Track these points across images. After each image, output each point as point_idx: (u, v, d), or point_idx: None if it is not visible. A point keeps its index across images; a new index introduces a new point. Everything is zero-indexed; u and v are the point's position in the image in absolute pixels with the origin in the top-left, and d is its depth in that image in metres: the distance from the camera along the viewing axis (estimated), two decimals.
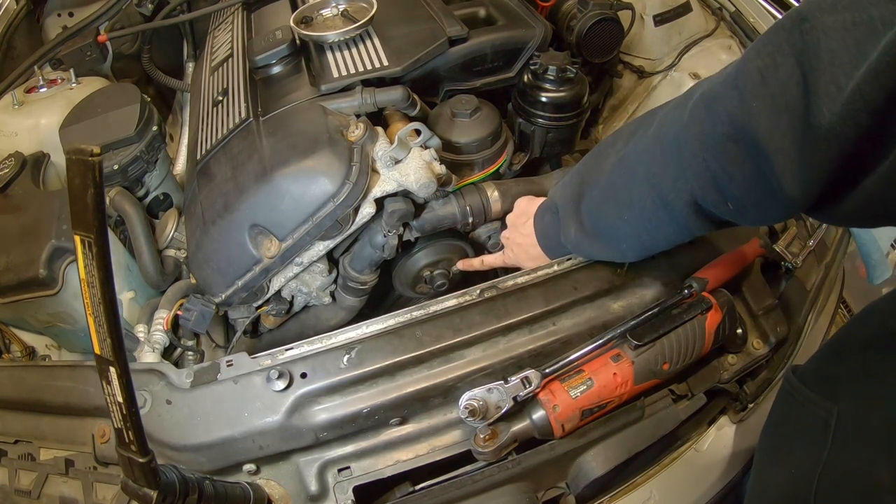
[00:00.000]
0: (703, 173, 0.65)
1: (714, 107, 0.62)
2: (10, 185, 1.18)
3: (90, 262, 0.49)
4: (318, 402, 0.82)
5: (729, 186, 0.64)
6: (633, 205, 0.78)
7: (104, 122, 1.18)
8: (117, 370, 0.52)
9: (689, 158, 0.66)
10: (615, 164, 0.81)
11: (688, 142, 0.66)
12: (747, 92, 0.58)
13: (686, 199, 0.69)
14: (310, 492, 0.83)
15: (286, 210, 0.96)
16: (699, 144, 0.64)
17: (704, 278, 0.92)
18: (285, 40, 1.19)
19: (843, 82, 0.49)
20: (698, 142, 0.64)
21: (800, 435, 0.70)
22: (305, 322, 1.19)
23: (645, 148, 0.75)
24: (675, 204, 0.71)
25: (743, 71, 0.59)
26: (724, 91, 0.61)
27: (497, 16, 1.34)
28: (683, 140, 0.67)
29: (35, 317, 1.11)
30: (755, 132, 0.57)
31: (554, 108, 1.23)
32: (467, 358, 0.86)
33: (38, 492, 0.82)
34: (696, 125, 0.65)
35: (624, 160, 0.79)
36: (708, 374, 0.99)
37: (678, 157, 0.68)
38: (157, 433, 0.79)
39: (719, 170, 0.63)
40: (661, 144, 0.72)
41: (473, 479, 0.85)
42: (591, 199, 0.85)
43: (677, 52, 1.63)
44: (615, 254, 0.90)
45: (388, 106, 1.11)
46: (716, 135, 0.62)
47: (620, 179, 0.80)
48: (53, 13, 1.68)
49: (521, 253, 1.05)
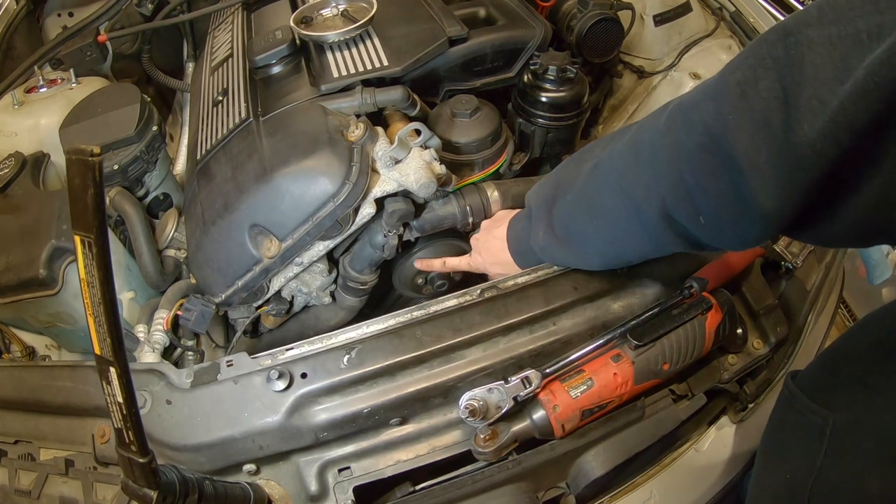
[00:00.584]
0: (676, 183, 0.63)
1: (691, 116, 0.61)
2: (10, 185, 1.18)
3: (90, 262, 0.49)
4: (318, 403, 0.82)
5: (702, 199, 0.62)
6: (605, 211, 0.76)
7: (104, 122, 1.18)
8: (117, 370, 0.52)
9: (664, 166, 0.65)
10: (590, 170, 0.79)
11: (663, 149, 0.65)
12: (725, 104, 0.56)
13: (658, 208, 0.67)
14: (310, 492, 0.83)
15: (286, 210, 0.96)
16: (674, 153, 0.63)
17: (704, 278, 0.92)
18: (285, 40, 1.19)
19: (826, 98, 0.47)
20: (673, 150, 0.63)
21: (796, 441, 0.70)
22: (305, 322, 1.19)
23: (620, 154, 0.73)
24: (647, 213, 0.69)
25: (722, 83, 0.58)
26: (703, 101, 0.60)
27: (497, 16, 1.34)
28: (658, 147, 0.65)
29: (35, 317, 1.11)
30: (731, 145, 0.56)
31: (554, 108, 1.23)
32: (467, 358, 0.86)
33: (38, 492, 0.82)
34: (672, 133, 0.63)
35: (599, 165, 0.78)
36: (708, 374, 0.99)
37: (652, 164, 0.67)
38: (157, 433, 0.79)
39: (693, 181, 0.61)
40: (635, 151, 0.70)
41: (473, 479, 0.85)
42: (564, 203, 0.84)
43: (677, 52, 1.63)
44: (582, 261, 0.89)
45: (388, 106, 1.11)
46: (691, 144, 0.60)
47: (594, 185, 0.78)
48: (53, 13, 1.68)
49: (488, 257, 1.03)
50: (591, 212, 0.79)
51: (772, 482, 0.73)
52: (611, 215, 0.75)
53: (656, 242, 0.73)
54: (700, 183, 0.60)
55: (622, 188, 0.72)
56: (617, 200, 0.73)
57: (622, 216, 0.73)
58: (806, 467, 0.65)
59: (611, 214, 0.75)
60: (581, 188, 0.80)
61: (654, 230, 0.70)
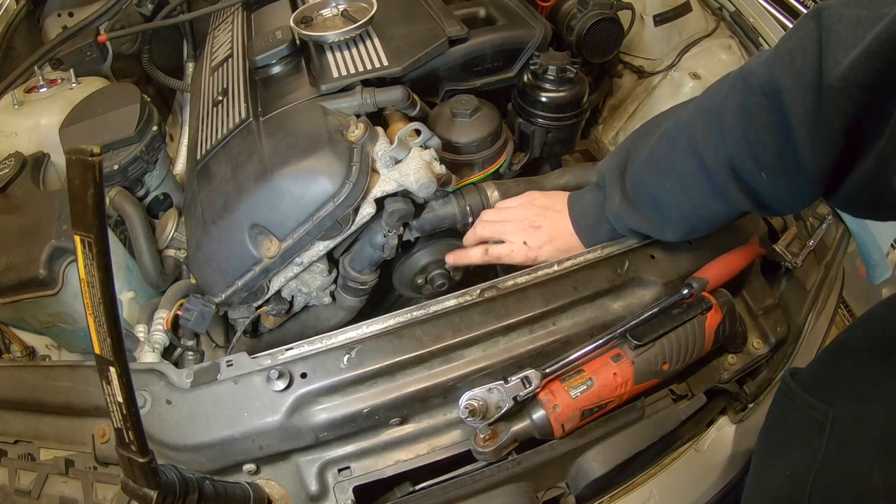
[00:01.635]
0: (740, 140, 0.72)
1: (750, 80, 0.70)
2: (10, 185, 1.18)
3: (90, 262, 0.49)
4: (318, 402, 0.82)
5: (763, 154, 0.70)
6: (677, 172, 0.82)
7: (104, 122, 1.17)
8: (117, 370, 0.52)
9: (729, 127, 0.73)
10: (659, 137, 0.86)
11: (727, 111, 0.73)
12: (778, 69, 0.66)
13: (725, 164, 0.75)
14: (310, 492, 0.83)
15: (286, 210, 0.96)
16: (737, 114, 0.72)
17: (704, 278, 0.92)
18: (285, 40, 1.19)
19: (841, 58, 0.57)
20: (736, 112, 0.72)
21: (796, 437, 0.70)
22: (305, 322, 1.19)
23: (687, 119, 0.81)
24: (714, 169, 0.77)
25: (776, 51, 0.68)
26: (759, 67, 0.70)
27: (497, 16, 1.34)
28: (723, 110, 0.74)
29: (35, 317, 1.11)
30: (784, 104, 0.65)
31: (554, 108, 1.23)
32: (467, 358, 0.86)
33: (38, 492, 0.82)
34: (735, 96, 0.72)
35: (666, 132, 0.85)
36: (708, 374, 0.99)
37: (719, 126, 0.75)
38: (157, 433, 0.79)
39: (754, 137, 0.70)
40: (703, 115, 0.78)
41: (473, 479, 0.85)
42: (635, 170, 0.89)
43: (677, 52, 1.63)
44: (656, 227, 0.91)
45: (388, 106, 1.11)
46: (751, 105, 0.69)
47: (664, 149, 0.85)
48: (53, 13, 1.68)
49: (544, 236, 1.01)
50: (663, 174, 0.85)
51: (771, 480, 0.74)
52: (682, 175, 0.81)
53: (725, 200, 0.79)
54: (761, 140, 0.70)
55: (692, 149, 0.79)
56: (686, 160, 0.80)
57: (692, 175, 0.80)
58: (806, 463, 0.65)
59: (682, 174, 0.81)
60: (651, 153, 0.86)
61: (722, 187, 0.77)
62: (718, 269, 0.95)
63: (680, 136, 0.81)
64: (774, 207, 0.78)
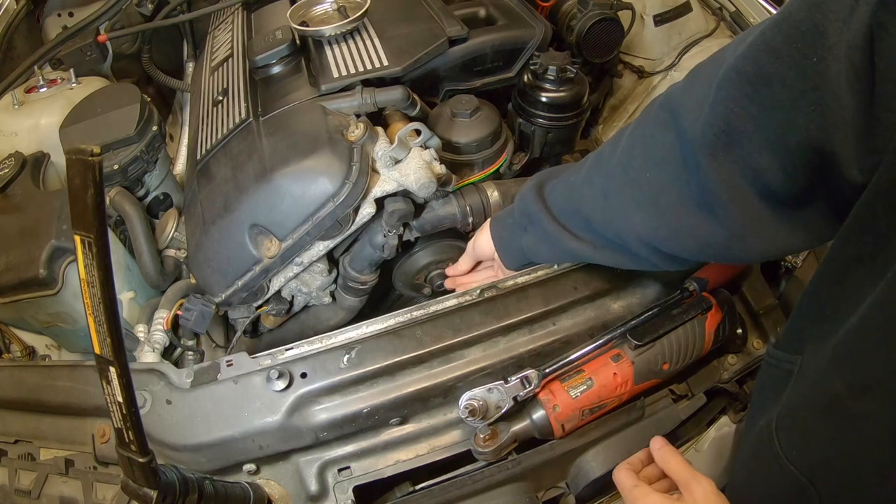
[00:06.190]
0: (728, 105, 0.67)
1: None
2: (10, 185, 1.18)
3: (90, 262, 0.49)
4: (318, 402, 0.82)
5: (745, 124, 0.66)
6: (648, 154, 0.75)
7: (104, 122, 1.17)
8: (117, 370, 0.52)
9: (714, 91, 0.69)
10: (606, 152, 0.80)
11: (711, 76, 0.71)
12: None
13: (707, 132, 0.69)
14: (310, 492, 0.83)
15: (286, 210, 0.96)
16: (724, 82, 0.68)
17: (704, 278, 0.92)
18: (285, 40, 1.19)
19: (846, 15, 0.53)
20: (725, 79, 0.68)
21: (772, 393, 0.70)
22: (305, 322, 1.19)
23: (649, 109, 0.78)
24: (690, 133, 0.71)
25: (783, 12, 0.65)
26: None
27: (497, 16, 1.34)
28: (708, 74, 0.74)
29: (35, 317, 1.11)
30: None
31: (554, 108, 1.23)
32: (467, 358, 0.86)
33: (38, 492, 0.82)
34: (721, 60, 0.71)
35: (619, 137, 0.80)
36: (708, 374, 0.99)
37: (703, 90, 0.72)
38: (157, 433, 0.79)
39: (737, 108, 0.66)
40: (687, 81, 0.77)
41: (473, 479, 0.85)
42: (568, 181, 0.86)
43: (677, 52, 1.63)
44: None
45: (388, 106, 1.11)
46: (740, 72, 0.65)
47: (617, 152, 0.78)
48: (53, 13, 1.68)
49: None
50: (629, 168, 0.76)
51: (748, 438, 0.74)
52: (650, 152, 0.74)
53: (699, 175, 0.69)
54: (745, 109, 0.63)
55: (669, 118, 0.75)
56: (659, 131, 0.74)
57: (665, 145, 0.72)
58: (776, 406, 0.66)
59: (650, 151, 0.74)
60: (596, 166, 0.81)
61: (699, 160, 0.68)
62: (718, 269, 0.94)
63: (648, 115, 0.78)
64: None
